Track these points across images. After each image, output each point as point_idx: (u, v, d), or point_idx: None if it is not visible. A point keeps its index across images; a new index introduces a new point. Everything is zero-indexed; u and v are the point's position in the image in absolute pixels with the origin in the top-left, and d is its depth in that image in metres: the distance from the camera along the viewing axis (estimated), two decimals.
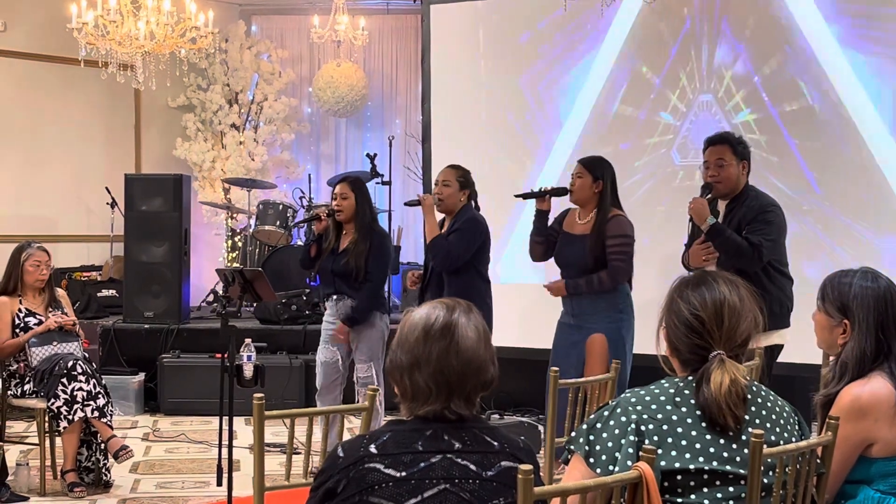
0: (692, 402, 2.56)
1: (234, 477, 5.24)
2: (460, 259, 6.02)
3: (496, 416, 7.63)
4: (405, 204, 6.41)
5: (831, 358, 3.24)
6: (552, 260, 5.97)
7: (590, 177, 5.73)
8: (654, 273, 6.65)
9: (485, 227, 6.16)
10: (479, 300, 5.81)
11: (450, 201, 6.13)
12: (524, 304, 7.68)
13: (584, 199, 5.76)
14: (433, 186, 6.23)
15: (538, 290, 6.04)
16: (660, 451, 2.49)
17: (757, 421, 2.59)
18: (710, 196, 5.40)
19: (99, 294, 9.42)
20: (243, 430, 7.35)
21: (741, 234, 5.30)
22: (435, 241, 6.02)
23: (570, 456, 2.62)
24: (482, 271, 6.19)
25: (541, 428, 6.87)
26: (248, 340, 5.44)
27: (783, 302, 5.39)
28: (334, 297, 6.41)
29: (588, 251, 5.64)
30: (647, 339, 2.91)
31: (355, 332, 6.34)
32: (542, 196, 5.81)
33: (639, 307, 5.76)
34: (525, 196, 5.90)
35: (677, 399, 2.58)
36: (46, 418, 6.04)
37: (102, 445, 6.05)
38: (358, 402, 6.31)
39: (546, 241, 5.91)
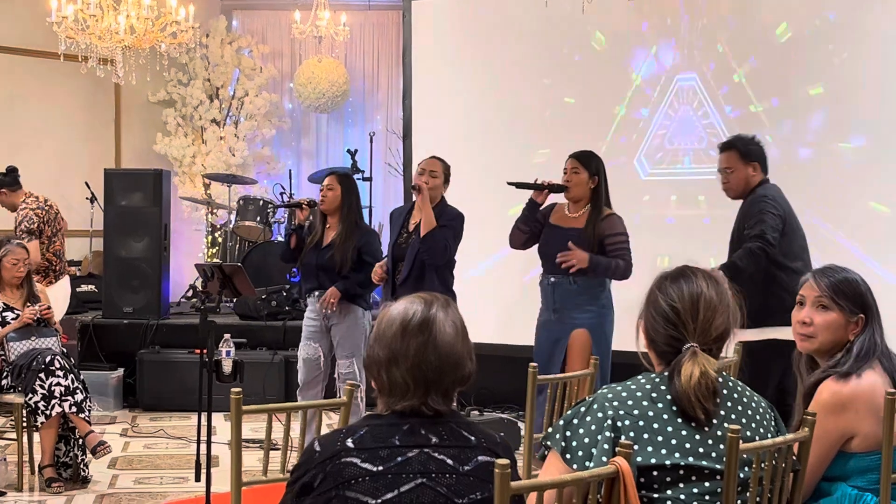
0: (668, 397, 2.57)
1: (213, 473, 5.24)
2: (452, 254, 6.05)
3: (476, 412, 7.64)
4: (412, 188, 6.27)
5: (838, 355, 3.22)
6: (532, 256, 5.97)
7: (586, 172, 5.76)
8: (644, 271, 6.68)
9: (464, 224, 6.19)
10: (450, 293, 5.90)
11: (435, 192, 6.09)
12: (504, 301, 7.68)
13: (581, 195, 5.77)
14: (416, 175, 6.16)
15: (519, 286, 6.05)
16: (636, 447, 2.49)
17: (732, 416, 2.60)
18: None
19: (78, 289, 9.37)
20: (222, 426, 7.33)
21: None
22: (433, 234, 5.93)
23: (546, 452, 2.62)
24: (452, 267, 6.19)
25: (521, 424, 6.87)
26: (227, 336, 5.43)
27: (784, 299, 5.21)
28: (316, 292, 6.40)
29: (583, 245, 5.62)
30: (629, 335, 2.91)
31: (336, 327, 6.35)
32: (541, 189, 5.80)
33: (630, 304, 5.79)
34: (520, 185, 5.86)
35: (654, 395, 2.58)
36: (24, 413, 6.02)
37: (80, 441, 6.04)
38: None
39: (530, 231, 5.90)
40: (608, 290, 5.81)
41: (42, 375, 5.91)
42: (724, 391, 2.63)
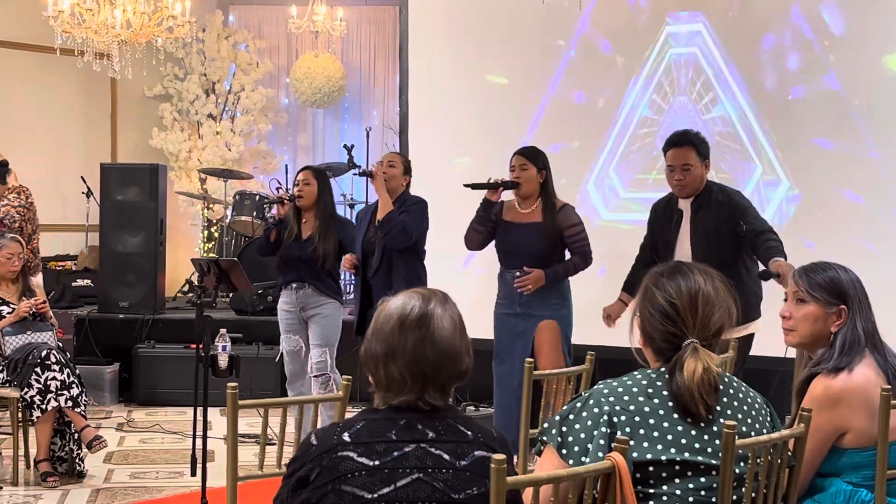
0: (664, 393, 2.58)
1: (209, 467, 5.24)
2: (412, 237, 6.11)
3: (471, 408, 7.64)
4: (354, 174, 6.38)
5: (820, 351, 3.24)
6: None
7: (534, 168, 5.86)
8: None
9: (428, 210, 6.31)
10: (420, 283, 6.03)
11: (393, 183, 6.21)
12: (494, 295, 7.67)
13: (532, 191, 5.87)
14: (375, 167, 6.26)
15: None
16: (632, 443, 2.50)
17: (728, 412, 2.61)
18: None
19: (74, 284, 9.38)
20: (218, 421, 7.33)
21: (731, 228, 5.34)
22: (389, 217, 6.05)
23: (542, 447, 2.63)
24: (422, 257, 6.30)
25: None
26: (222, 331, 5.44)
27: (757, 293, 5.42)
28: (294, 284, 6.47)
29: (545, 238, 5.78)
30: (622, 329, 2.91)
31: (312, 319, 6.45)
32: (495, 188, 5.85)
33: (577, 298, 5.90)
34: (476, 186, 5.92)
35: (650, 390, 2.59)
36: (20, 407, 6.01)
37: (76, 435, 6.03)
38: (312, 391, 6.37)
39: (486, 231, 5.97)
40: (568, 283, 5.95)
41: (38, 370, 5.90)
42: (721, 387, 2.63)
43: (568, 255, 5.92)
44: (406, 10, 8.64)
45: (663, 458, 2.51)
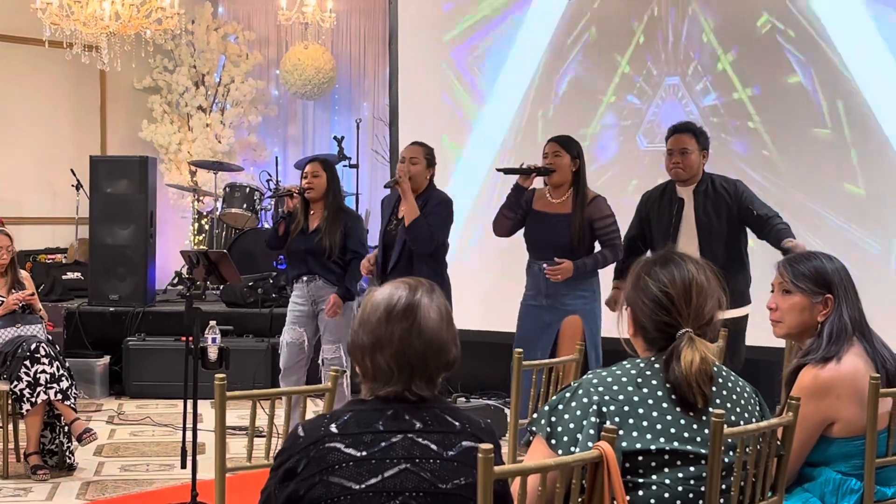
0: (654, 382, 2.57)
1: (199, 460, 5.24)
2: (437, 243, 6.02)
3: (462, 399, 7.64)
4: (385, 186, 6.28)
5: (808, 341, 3.25)
6: (518, 241, 5.98)
7: (568, 156, 5.80)
8: None
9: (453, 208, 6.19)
10: (441, 280, 5.92)
11: (418, 179, 6.06)
12: (492, 287, 7.68)
13: (564, 179, 5.81)
14: (399, 165, 6.16)
15: (507, 272, 6.04)
16: (621, 432, 2.49)
17: (718, 401, 2.60)
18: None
19: (64, 277, 9.35)
20: (209, 414, 7.30)
21: (739, 214, 5.51)
22: (416, 223, 5.92)
23: (531, 437, 2.62)
24: (444, 255, 6.18)
25: (507, 411, 6.87)
26: (212, 323, 5.44)
27: (750, 278, 5.61)
28: (304, 277, 6.42)
29: (574, 230, 5.71)
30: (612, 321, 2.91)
31: (324, 313, 6.35)
32: (527, 173, 5.79)
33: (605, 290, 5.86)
34: (509, 171, 5.88)
35: (639, 380, 2.58)
36: (9, 401, 6.00)
37: (66, 428, 6.02)
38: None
39: (515, 217, 5.91)
40: (597, 276, 5.88)
41: (27, 363, 5.89)
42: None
43: (598, 248, 5.87)
44: (395, 1, 8.62)
45: (652, 447, 2.51)
